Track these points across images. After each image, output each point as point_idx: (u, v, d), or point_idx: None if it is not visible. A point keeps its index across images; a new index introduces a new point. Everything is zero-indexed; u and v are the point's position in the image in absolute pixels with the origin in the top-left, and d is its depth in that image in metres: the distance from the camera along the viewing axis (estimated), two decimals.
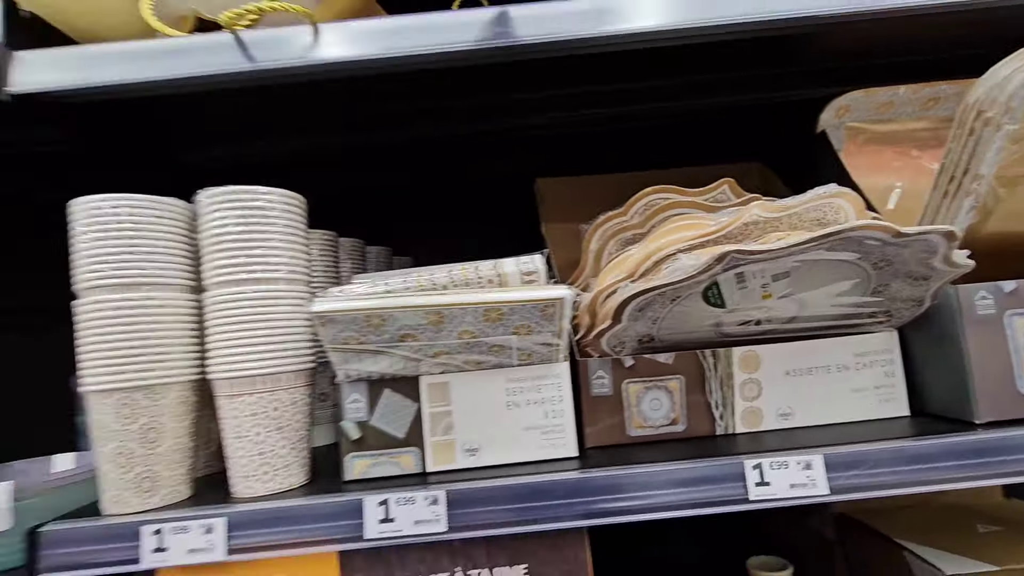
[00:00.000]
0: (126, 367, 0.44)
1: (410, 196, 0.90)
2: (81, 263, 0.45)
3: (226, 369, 0.45)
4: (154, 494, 0.45)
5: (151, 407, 0.45)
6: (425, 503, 0.43)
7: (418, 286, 0.44)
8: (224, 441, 0.47)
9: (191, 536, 0.43)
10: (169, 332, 0.46)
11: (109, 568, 0.43)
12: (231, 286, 0.46)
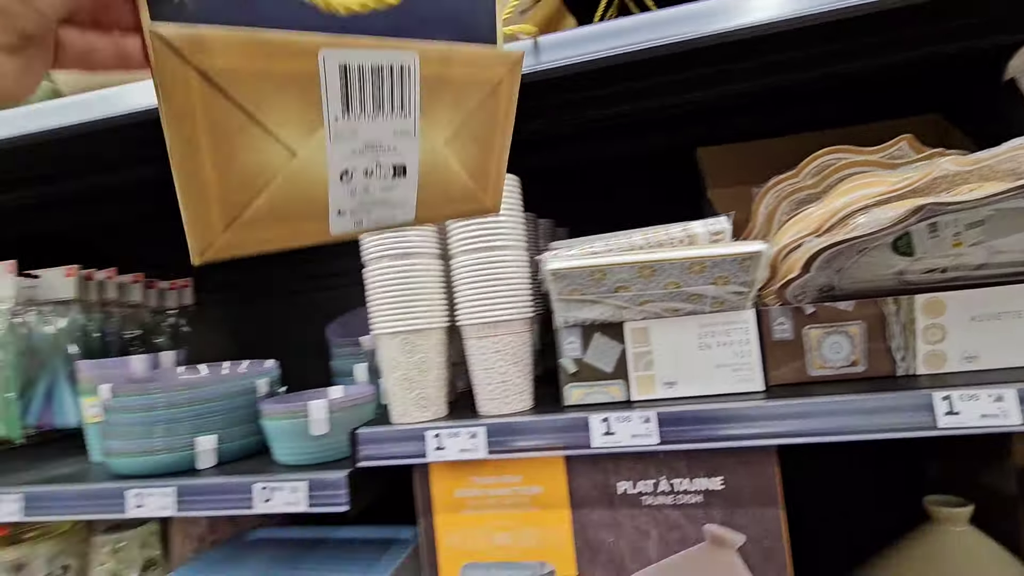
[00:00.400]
0: (405, 316, 0.59)
1: (573, 173, 1.00)
2: (368, 240, 0.61)
3: (476, 318, 0.59)
4: (427, 410, 0.61)
5: (423, 345, 0.60)
6: (640, 421, 0.53)
7: (629, 246, 0.54)
8: (472, 373, 0.61)
9: (461, 440, 0.57)
10: (431, 289, 0.61)
11: (403, 460, 0.59)
12: (477, 252, 0.59)
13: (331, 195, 0.31)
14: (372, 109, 0.31)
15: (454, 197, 0.38)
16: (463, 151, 0.37)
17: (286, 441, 0.65)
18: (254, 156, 0.28)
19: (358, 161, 0.31)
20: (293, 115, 0.28)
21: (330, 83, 0.29)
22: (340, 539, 0.89)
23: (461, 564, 0.60)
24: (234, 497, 0.62)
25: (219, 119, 0.26)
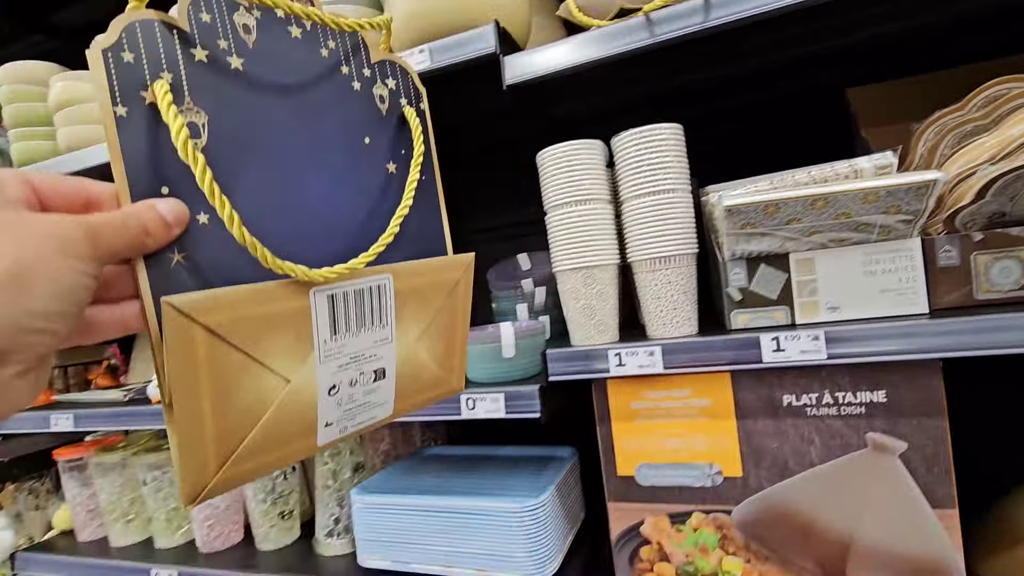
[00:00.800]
0: (587, 253, 0.69)
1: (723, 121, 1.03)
2: (550, 190, 0.71)
3: (650, 254, 0.67)
4: (605, 334, 0.71)
5: (601, 278, 0.70)
6: (809, 339, 0.60)
7: (794, 183, 0.60)
8: (643, 303, 0.70)
9: (639, 358, 0.67)
10: (607, 230, 0.70)
11: (587, 375, 0.69)
12: (651, 196, 0.67)
13: (320, 410, 0.33)
14: (356, 327, 0.35)
15: (425, 385, 0.41)
16: (431, 345, 0.41)
17: (480, 363, 0.78)
18: (252, 391, 0.30)
19: (344, 374, 0.34)
20: (287, 347, 0.31)
21: (320, 313, 0.32)
22: (503, 456, 1.03)
23: (636, 464, 0.71)
24: (444, 406, 0.77)
25: (220, 363, 0.28)
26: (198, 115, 0.29)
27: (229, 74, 0.31)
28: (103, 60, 0.27)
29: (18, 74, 1.10)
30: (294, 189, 0.33)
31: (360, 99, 0.38)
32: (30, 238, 0.23)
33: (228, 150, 0.30)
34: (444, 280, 0.41)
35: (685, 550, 0.69)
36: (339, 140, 0.36)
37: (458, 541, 0.79)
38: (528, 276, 1.00)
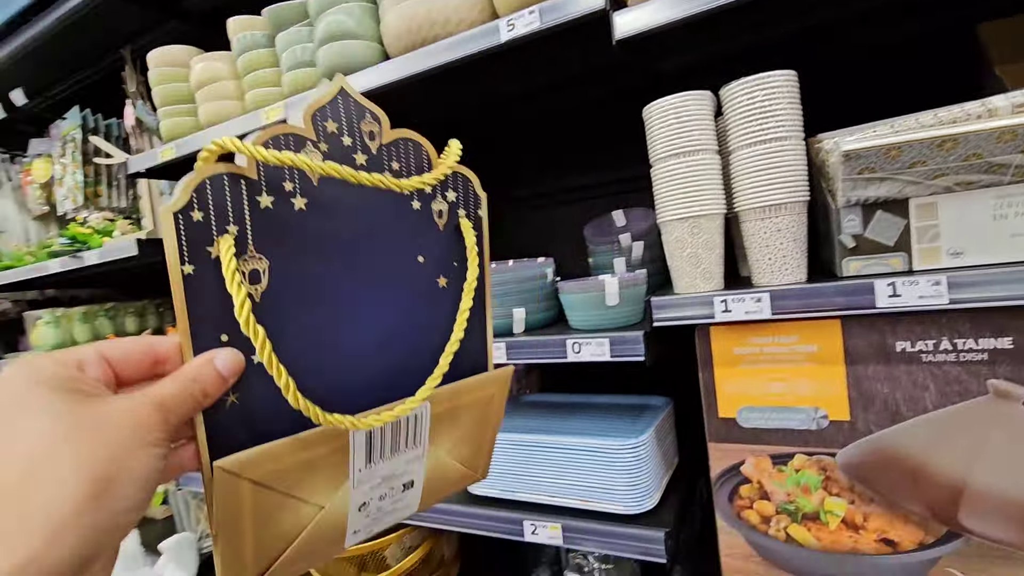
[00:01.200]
0: (694, 203, 0.71)
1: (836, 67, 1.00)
2: (657, 142, 0.73)
3: (760, 202, 0.68)
4: (711, 282, 0.73)
5: (708, 227, 0.72)
6: (928, 284, 0.60)
7: (919, 125, 0.58)
8: (749, 251, 0.72)
9: (746, 304, 0.69)
10: (714, 180, 0.71)
11: (692, 320, 0.72)
12: (761, 144, 0.68)
13: (349, 523, 0.36)
14: (391, 453, 0.36)
15: (451, 482, 0.42)
16: (460, 452, 0.42)
17: (584, 311, 0.83)
18: (289, 521, 0.32)
19: (375, 492, 0.36)
20: (324, 482, 0.33)
21: (357, 450, 0.34)
22: (599, 403, 1.08)
23: (738, 407, 0.74)
24: (551, 350, 0.83)
25: (262, 505, 0.31)
26: (260, 262, 0.30)
27: (292, 216, 0.31)
28: (174, 223, 0.27)
29: (164, 58, 1.25)
30: (347, 322, 0.34)
31: (418, 218, 0.37)
32: (113, 433, 0.24)
33: (287, 291, 0.31)
34: (480, 397, 0.41)
35: (787, 489, 0.72)
36: (394, 264, 0.36)
37: (562, 474, 0.86)
38: (624, 232, 1.03)
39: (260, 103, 1.09)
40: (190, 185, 0.27)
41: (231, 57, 1.15)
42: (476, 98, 1.11)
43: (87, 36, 1.44)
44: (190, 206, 0.27)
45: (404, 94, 0.96)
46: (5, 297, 2.08)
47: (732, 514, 0.76)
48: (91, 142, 1.69)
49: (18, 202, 2.01)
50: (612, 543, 0.81)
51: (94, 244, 1.51)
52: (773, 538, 0.73)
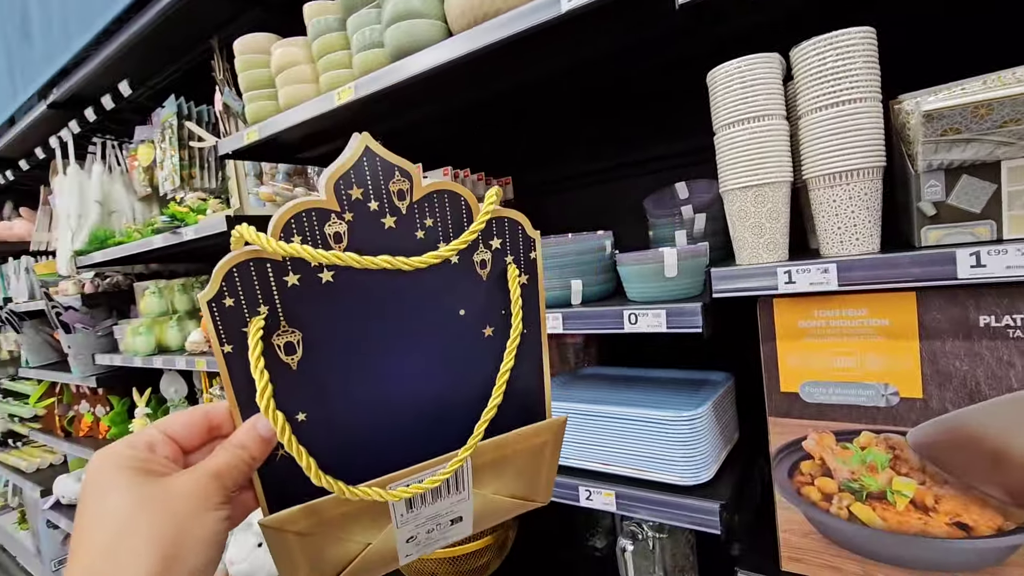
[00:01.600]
0: (758, 171, 0.69)
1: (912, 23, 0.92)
2: (721, 109, 0.71)
3: (828, 169, 0.65)
4: (775, 252, 0.71)
5: (773, 196, 0.70)
6: (1018, 253, 0.55)
7: (1015, 81, 0.54)
8: (818, 221, 0.69)
9: (812, 275, 0.67)
10: (780, 147, 0.69)
11: (753, 292, 0.71)
12: (832, 107, 0.65)
13: (400, 550, 0.38)
14: (432, 501, 0.37)
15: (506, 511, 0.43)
16: (513, 490, 0.41)
17: (642, 282, 0.83)
18: (338, 555, 0.35)
19: (422, 529, 0.38)
20: (366, 527, 0.35)
21: (396, 505, 0.35)
22: (657, 377, 1.08)
23: (801, 382, 0.72)
24: (607, 320, 0.84)
25: (310, 547, 0.34)
26: (293, 335, 0.32)
27: (320, 289, 0.32)
28: (209, 311, 0.30)
29: (247, 46, 1.34)
30: (385, 380, 0.35)
31: (456, 271, 0.36)
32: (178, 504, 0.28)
33: (322, 358, 0.33)
34: (530, 447, 0.40)
35: (851, 467, 0.70)
36: (431, 320, 0.36)
37: (619, 444, 0.87)
38: (686, 204, 1.01)
39: (333, 84, 1.15)
40: (219, 275, 0.29)
41: (307, 42, 1.22)
42: (536, 72, 1.11)
43: (181, 28, 1.56)
44: (221, 294, 0.30)
45: (466, 71, 0.98)
46: (117, 270, 2.33)
47: (792, 490, 0.74)
48: (186, 127, 1.84)
49: (126, 185, 2.23)
50: (666, 512, 0.82)
51: (190, 221, 1.65)
52: (835, 516, 0.71)
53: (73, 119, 2.09)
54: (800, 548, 0.75)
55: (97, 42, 1.71)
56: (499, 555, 1.20)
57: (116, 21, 1.60)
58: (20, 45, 2.09)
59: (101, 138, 2.23)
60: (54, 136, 2.25)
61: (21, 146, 2.45)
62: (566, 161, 1.38)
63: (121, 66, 1.76)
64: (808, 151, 0.68)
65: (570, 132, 1.36)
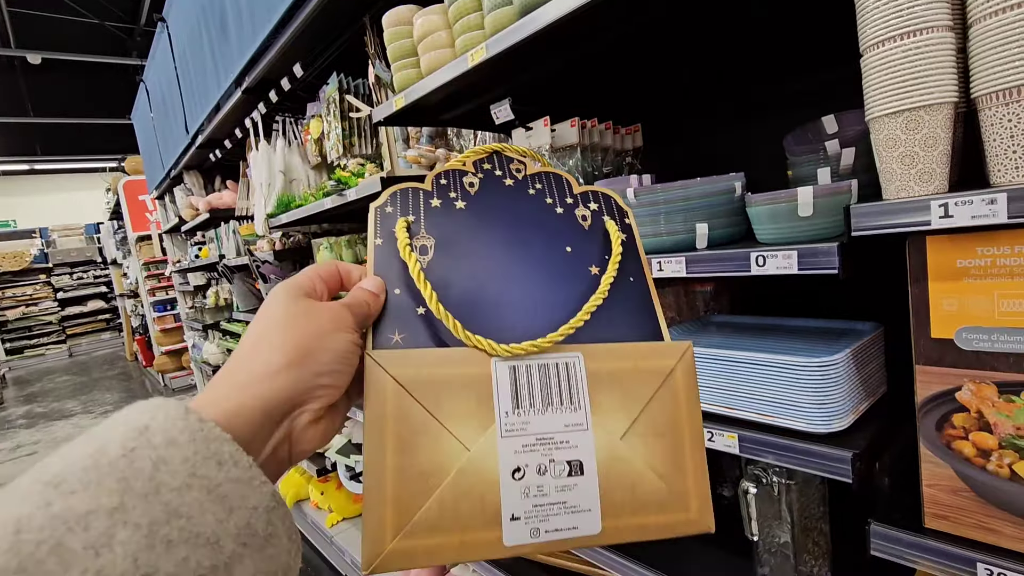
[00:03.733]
0: (912, 93, 0.62)
1: None
2: (869, 26, 0.64)
3: (1004, 82, 0.57)
4: (929, 183, 0.65)
5: (929, 121, 0.63)
6: None
7: None
8: (988, 146, 0.61)
9: (974, 207, 0.60)
10: (942, 63, 0.61)
11: (901, 229, 0.65)
12: (1009, 11, 0.56)
13: (503, 496, 0.32)
14: (541, 404, 0.34)
15: (646, 503, 0.34)
16: (645, 448, 0.35)
17: (773, 223, 0.80)
18: (430, 452, 0.32)
19: (530, 457, 0.33)
20: (467, 413, 0.33)
21: (501, 383, 0.34)
22: (794, 326, 1.03)
23: (957, 327, 0.65)
24: (733, 263, 0.82)
25: (404, 417, 0.32)
26: (427, 239, 0.40)
27: (454, 212, 0.42)
28: (374, 213, 0.41)
29: (393, 19, 1.47)
30: (500, 290, 0.39)
31: (562, 219, 0.44)
32: (318, 319, 0.33)
33: (448, 262, 0.40)
34: (652, 367, 0.37)
35: (1016, 423, 0.63)
36: (543, 250, 0.42)
37: (744, 387, 0.87)
38: (832, 139, 0.92)
39: (467, 46, 1.22)
40: (387, 192, 0.42)
41: (444, 8, 1.30)
42: (661, 9, 1.08)
43: (339, 9, 1.75)
44: (386, 203, 0.42)
45: (591, 19, 0.99)
46: (298, 230, 2.75)
47: (940, 443, 0.69)
48: (346, 100, 2.08)
49: (302, 156, 2.59)
50: (793, 457, 0.81)
51: (352, 184, 1.89)
52: (993, 474, 0.65)
53: (260, 102, 2.47)
54: (947, 506, 0.69)
55: (276, 31, 1.98)
56: None
57: (290, 9, 1.84)
58: (220, 43, 2.50)
59: (282, 116, 2.60)
60: (247, 118, 2.67)
61: (223, 128, 2.96)
62: (697, 105, 1.32)
63: (294, 51, 2.03)
64: (980, 64, 0.59)
65: (700, 75, 1.29)
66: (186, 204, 3.90)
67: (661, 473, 0.35)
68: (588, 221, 0.44)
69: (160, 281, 6.61)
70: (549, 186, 0.46)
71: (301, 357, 0.31)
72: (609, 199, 0.47)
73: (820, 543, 0.94)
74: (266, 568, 0.25)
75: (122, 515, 0.21)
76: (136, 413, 0.25)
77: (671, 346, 0.39)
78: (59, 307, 10.05)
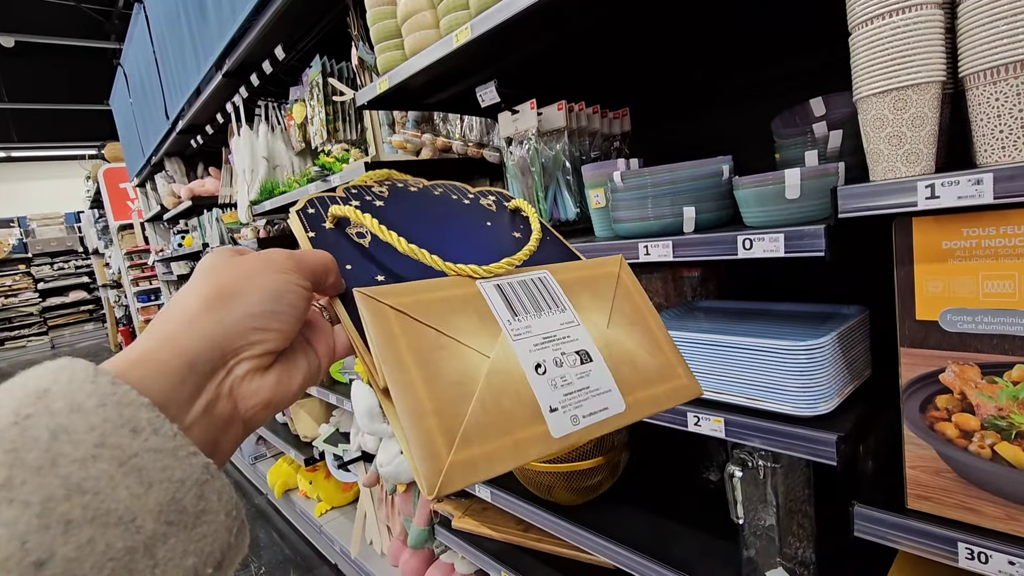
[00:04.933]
0: (899, 72, 0.61)
1: None
2: (858, 2, 0.63)
3: (997, 59, 0.56)
4: (916, 164, 0.64)
5: (917, 100, 0.62)
6: None
7: None
8: (975, 126, 0.60)
9: (960, 187, 0.59)
10: (931, 41, 0.60)
11: (888, 210, 0.64)
12: None
13: (536, 392, 0.34)
14: (534, 310, 0.38)
15: (648, 376, 0.40)
16: (627, 334, 0.41)
17: (760, 206, 0.79)
18: (454, 364, 0.32)
19: (544, 354, 0.36)
20: (475, 326, 0.35)
21: (493, 299, 0.37)
22: (780, 311, 1.03)
23: (941, 308, 0.65)
24: (720, 247, 0.81)
25: (416, 338, 0.32)
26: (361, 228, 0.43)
27: (375, 208, 0.46)
28: (298, 216, 0.42)
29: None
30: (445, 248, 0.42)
31: (471, 207, 0.50)
32: (245, 264, 0.31)
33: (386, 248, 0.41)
34: (603, 274, 0.44)
35: (999, 403, 0.63)
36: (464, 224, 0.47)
37: (729, 371, 0.87)
38: (820, 121, 0.92)
39: (452, 27, 1.20)
40: (304, 199, 0.44)
41: None
42: None
43: None
44: (305, 208, 0.44)
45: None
46: (283, 217, 2.70)
47: (923, 425, 0.69)
48: (329, 84, 2.04)
49: (286, 141, 2.54)
50: (778, 441, 0.81)
51: (336, 170, 1.86)
52: (975, 455, 0.65)
53: (242, 86, 2.41)
54: (930, 487, 0.70)
55: (256, 12, 1.93)
56: (611, 476, 1.27)
57: None
58: (199, 24, 2.43)
59: (264, 101, 2.54)
60: (228, 103, 2.61)
61: (205, 113, 2.89)
62: (685, 88, 1.31)
63: (275, 33, 1.98)
64: (968, 42, 0.58)
65: (688, 58, 1.28)
66: (168, 192, 3.82)
67: (648, 351, 0.41)
68: (493, 207, 0.52)
69: (143, 271, 6.50)
70: (449, 188, 0.52)
71: (224, 298, 0.28)
72: (500, 193, 0.54)
73: (805, 525, 0.94)
74: (199, 548, 0.22)
75: (7, 492, 0.18)
76: (36, 376, 0.22)
77: (608, 258, 0.46)
78: (40, 298, 9.87)
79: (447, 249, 0.41)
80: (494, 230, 0.48)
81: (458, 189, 0.53)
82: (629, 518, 1.18)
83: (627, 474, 1.32)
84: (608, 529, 1.12)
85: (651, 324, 0.43)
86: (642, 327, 0.42)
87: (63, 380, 0.22)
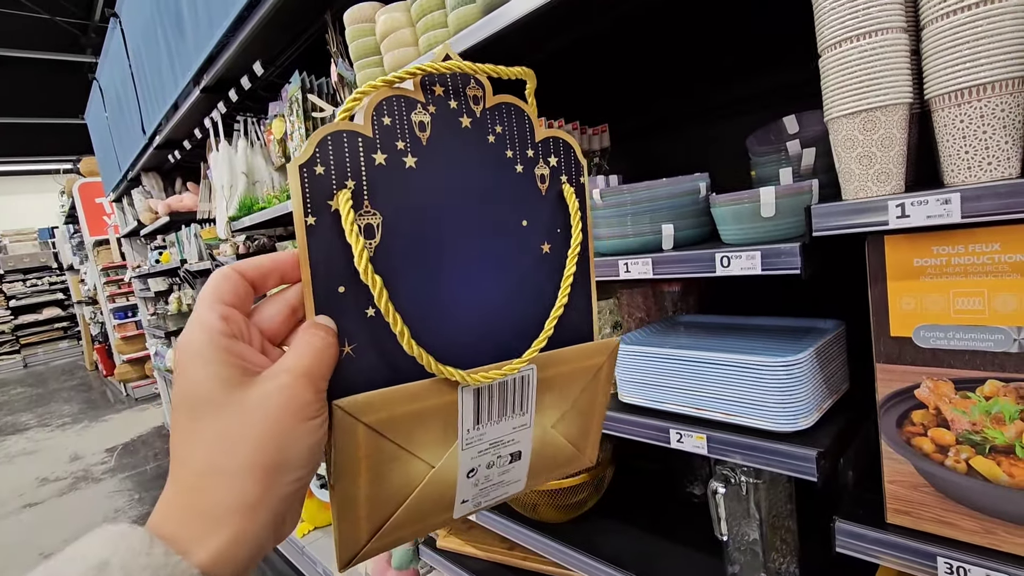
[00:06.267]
0: (868, 94, 0.63)
1: None
2: (827, 26, 0.65)
3: (958, 83, 0.58)
4: (887, 184, 0.65)
5: (885, 121, 0.63)
6: None
7: None
8: (942, 146, 0.62)
9: (929, 207, 0.60)
10: (896, 64, 0.62)
11: (860, 229, 0.66)
12: (961, 12, 0.56)
13: (458, 490, 0.36)
14: (498, 416, 0.37)
15: (559, 463, 0.42)
16: (568, 428, 0.42)
17: (737, 223, 0.80)
18: (400, 476, 0.33)
19: (483, 459, 0.37)
20: (434, 438, 0.34)
21: (466, 407, 0.35)
22: (759, 325, 1.04)
23: (915, 325, 0.66)
24: (698, 264, 0.82)
25: (376, 455, 0.32)
26: (374, 217, 0.32)
27: (403, 174, 0.33)
28: (299, 175, 0.29)
29: (355, 16, 1.43)
30: (455, 280, 0.35)
31: (521, 182, 0.38)
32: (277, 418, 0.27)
33: (398, 246, 0.33)
34: (588, 366, 0.41)
35: (972, 418, 0.64)
36: (499, 226, 0.37)
37: (709, 387, 0.87)
38: (793, 139, 0.93)
39: (431, 45, 1.20)
40: (313, 141, 0.30)
41: (407, 5, 1.27)
42: (627, 8, 1.07)
43: (298, 6, 1.70)
44: (313, 160, 0.30)
45: (557, 16, 0.98)
46: (263, 233, 2.67)
47: (900, 440, 0.70)
48: (309, 100, 2.03)
49: (265, 157, 2.52)
50: (760, 457, 0.81)
51: None
52: (950, 469, 0.66)
53: (220, 101, 2.39)
54: (909, 501, 0.70)
55: (233, 28, 1.92)
56: (596, 493, 1.26)
57: (247, 7, 1.78)
58: (176, 39, 2.41)
59: (243, 116, 2.52)
60: (207, 118, 2.58)
61: (182, 128, 2.86)
62: (663, 105, 1.33)
63: (253, 48, 1.97)
64: (933, 65, 0.60)
65: (665, 75, 1.30)
66: (145, 207, 3.75)
67: (574, 441, 0.43)
68: (546, 184, 0.40)
69: (120, 287, 6.37)
70: (511, 129, 0.38)
71: (273, 478, 0.27)
72: (570, 151, 0.41)
73: (788, 540, 0.95)
74: None
75: None
76: (97, 545, 0.23)
77: (603, 344, 0.42)
78: (11, 315, 9.59)
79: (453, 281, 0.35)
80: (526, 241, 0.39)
81: (520, 131, 0.39)
82: (615, 535, 1.18)
83: (612, 489, 1.31)
84: (593, 547, 1.11)
85: (596, 412, 0.44)
86: (586, 417, 0.43)
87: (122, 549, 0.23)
